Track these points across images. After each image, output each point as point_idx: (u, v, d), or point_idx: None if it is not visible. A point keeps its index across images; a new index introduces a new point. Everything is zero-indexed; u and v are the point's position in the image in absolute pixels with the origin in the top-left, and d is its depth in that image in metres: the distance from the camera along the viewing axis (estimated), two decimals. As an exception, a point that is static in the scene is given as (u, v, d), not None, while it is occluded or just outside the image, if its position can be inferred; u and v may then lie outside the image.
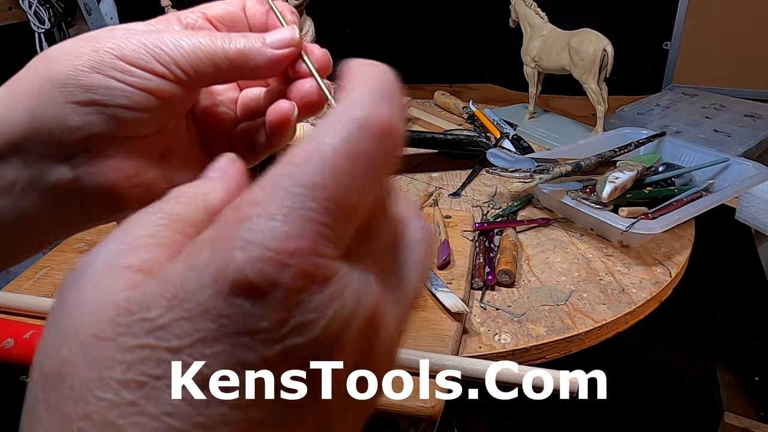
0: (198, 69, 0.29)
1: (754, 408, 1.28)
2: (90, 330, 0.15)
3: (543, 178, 0.71)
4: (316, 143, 0.15)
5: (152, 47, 0.28)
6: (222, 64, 0.29)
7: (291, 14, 0.32)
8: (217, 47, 0.29)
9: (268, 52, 0.30)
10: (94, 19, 1.35)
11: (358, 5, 1.62)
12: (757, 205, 0.88)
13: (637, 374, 1.56)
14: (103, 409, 0.14)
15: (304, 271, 0.14)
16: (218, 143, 0.35)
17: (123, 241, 0.17)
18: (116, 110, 0.28)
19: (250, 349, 0.14)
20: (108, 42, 0.28)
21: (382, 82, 0.17)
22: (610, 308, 0.59)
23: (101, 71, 0.27)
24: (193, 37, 0.29)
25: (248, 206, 0.14)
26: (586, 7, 1.45)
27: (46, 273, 0.63)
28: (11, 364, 0.51)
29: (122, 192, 0.30)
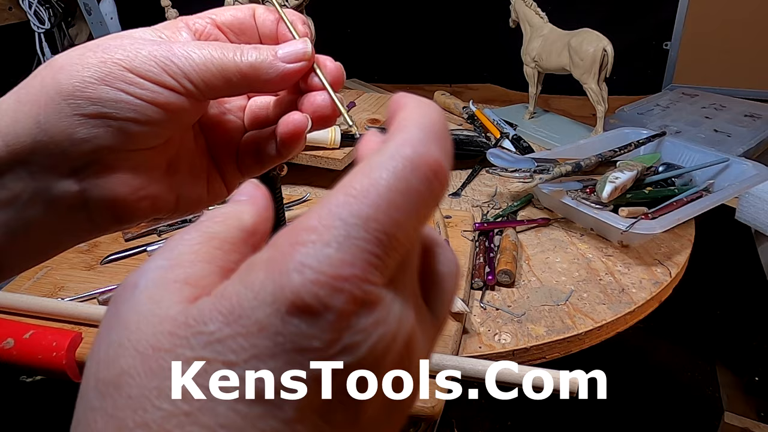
0: (208, 82, 0.28)
1: (754, 408, 1.28)
2: (148, 341, 0.15)
3: (543, 178, 0.71)
4: (372, 177, 0.16)
5: (162, 59, 0.27)
6: (233, 77, 0.29)
7: (303, 25, 0.32)
8: (228, 60, 0.29)
9: (281, 66, 0.29)
10: (94, 19, 1.35)
11: (358, 5, 1.62)
12: (757, 205, 0.88)
13: (637, 374, 1.56)
14: (161, 418, 0.14)
15: (355, 296, 0.15)
16: (225, 152, 0.34)
17: (169, 258, 0.18)
18: (124, 123, 0.27)
19: (301, 366, 0.15)
20: (117, 53, 0.27)
21: (433, 121, 0.18)
22: (610, 308, 0.59)
23: (110, 83, 0.27)
24: (204, 50, 0.28)
25: (305, 232, 0.15)
26: (586, 7, 1.45)
27: (46, 273, 0.63)
28: (11, 364, 0.51)
29: (129, 204, 0.29)
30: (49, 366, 0.50)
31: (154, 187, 0.30)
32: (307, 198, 0.78)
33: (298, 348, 0.15)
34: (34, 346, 0.50)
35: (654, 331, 1.66)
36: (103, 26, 1.36)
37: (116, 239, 0.69)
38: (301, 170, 0.85)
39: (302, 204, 0.76)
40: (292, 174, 0.86)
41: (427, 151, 0.16)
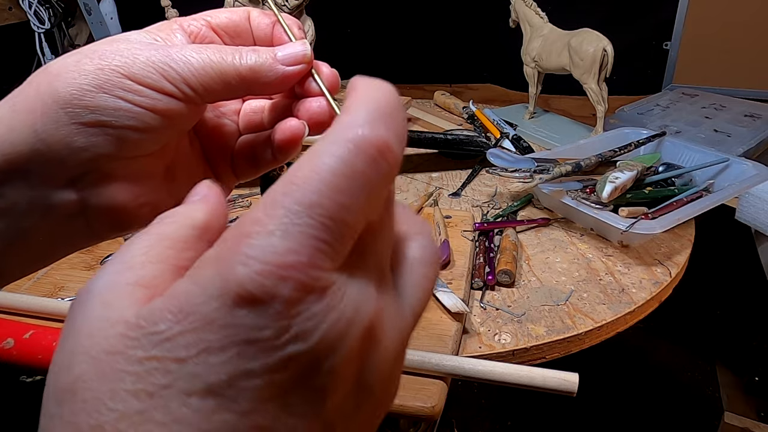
0: (207, 86, 0.28)
1: (754, 408, 1.28)
2: (100, 345, 0.16)
3: (543, 178, 0.71)
4: (313, 163, 0.16)
5: (161, 65, 0.27)
6: (232, 81, 0.28)
7: (298, 29, 0.31)
8: (227, 64, 0.28)
9: (280, 68, 0.29)
10: (94, 19, 1.35)
11: (358, 5, 1.62)
12: (757, 205, 0.88)
13: (637, 374, 1.56)
14: (115, 419, 0.15)
15: (302, 282, 0.15)
16: (220, 156, 0.34)
17: (121, 261, 0.18)
18: (123, 131, 0.27)
19: (252, 357, 0.15)
20: (114, 59, 0.27)
21: (380, 101, 0.17)
22: (610, 308, 0.59)
23: (108, 91, 0.26)
24: (203, 53, 0.28)
25: (249, 224, 0.15)
26: (586, 7, 1.45)
27: (46, 273, 0.63)
28: (11, 364, 0.51)
29: (129, 212, 0.29)
30: (49, 366, 0.50)
31: (153, 194, 0.30)
32: (307, 198, 0.78)
33: (248, 339, 0.15)
34: (34, 346, 0.50)
35: (654, 331, 1.66)
36: (103, 26, 1.36)
37: (116, 239, 0.69)
38: (301, 170, 0.85)
39: (302, 204, 0.76)
40: (292, 174, 0.86)
41: (371, 132, 0.16)
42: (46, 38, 1.36)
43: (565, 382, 0.45)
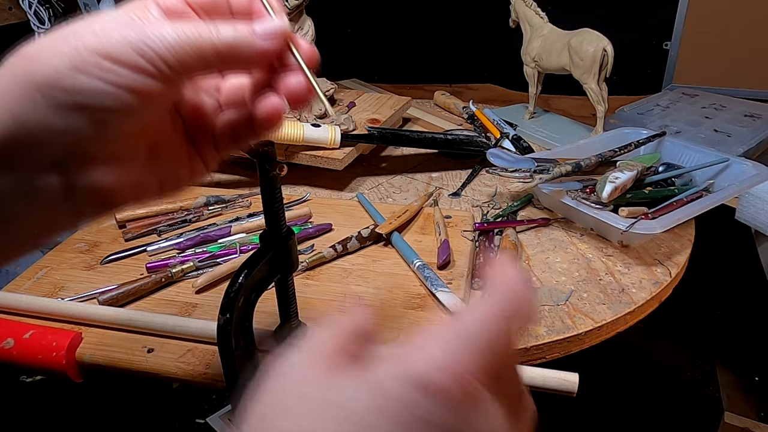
0: (184, 63, 0.27)
1: (754, 408, 1.28)
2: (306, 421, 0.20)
3: (543, 178, 0.71)
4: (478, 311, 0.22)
5: (137, 43, 0.26)
6: (210, 56, 0.28)
7: (277, 2, 0.31)
8: (204, 39, 0.28)
9: (258, 43, 0.29)
10: (94, 19, 1.35)
11: (358, 5, 1.62)
12: (757, 205, 0.88)
13: (637, 374, 1.56)
14: None
15: (467, 389, 0.20)
16: (202, 134, 0.34)
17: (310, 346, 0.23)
18: (102, 113, 0.27)
19: None
20: (90, 39, 0.26)
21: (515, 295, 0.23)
22: (610, 308, 0.59)
23: (85, 72, 0.26)
24: (179, 30, 0.27)
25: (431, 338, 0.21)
26: (586, 7, 1.45)
27: (46, 273, 0.63)
28: (11, 364, 0.51)
29: (114, 192, 0.29)
30: (49, 366, 0.50)
31: (136, 174, 0.30)
32: (307, 198, 0.78)
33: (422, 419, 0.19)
34: (34, 346, 0.50)
35: (654, 331, 1.66)
36: (103, 26, 1.36)
37: (116, 239, 0.69)
38: (301, 170, 0.85)
39: (302, 204, 0.76)
40: (292, 174, 0.86)
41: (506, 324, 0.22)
42: (46, 38, 1.36)
43: (565, 382, 0.46)
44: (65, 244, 0.68)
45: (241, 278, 0.38)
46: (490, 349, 0.21)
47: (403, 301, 0.57)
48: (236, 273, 0.38)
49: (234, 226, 0.68)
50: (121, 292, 0.57)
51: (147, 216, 0.72)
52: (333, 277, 0.61)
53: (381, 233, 0.66)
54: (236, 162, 0.93)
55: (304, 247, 0.67)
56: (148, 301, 0.58)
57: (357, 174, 0.90)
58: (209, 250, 0.65)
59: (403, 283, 0.59)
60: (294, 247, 0.42)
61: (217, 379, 0.48)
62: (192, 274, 0.61)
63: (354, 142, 0.86)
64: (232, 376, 0.39)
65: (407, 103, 1.07)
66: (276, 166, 0.38)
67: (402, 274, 0.61)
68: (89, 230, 0.71)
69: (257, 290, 0.40)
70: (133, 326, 0.53)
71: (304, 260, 0.62)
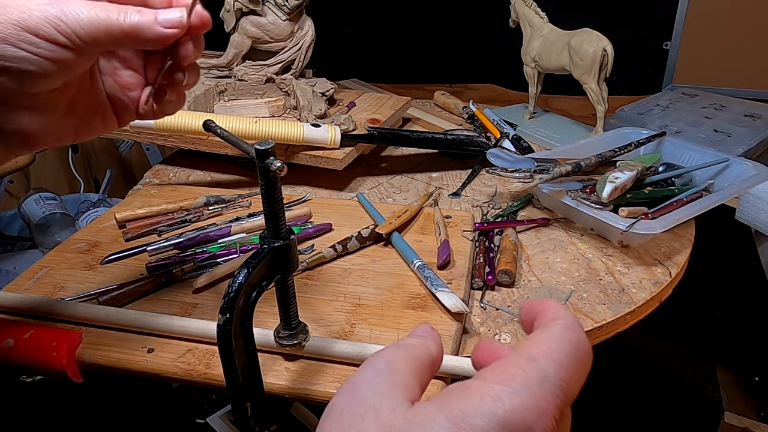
0: (95, 39, 0.34)
1: (754, 408, 1.28)
2: None
3: (543, 178, 0.71)
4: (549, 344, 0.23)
5: (54, 20, 0.33)
6: (117, 35, 0.35)
7: None
8: (112, 21, 0.34)
9: (158, 29, 0.36)
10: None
11: (358, 5, 1.62)
12: (757, 205, 0.88)
13: (637, 374, 1.56)
14: None
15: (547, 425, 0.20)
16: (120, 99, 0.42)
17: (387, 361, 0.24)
18: (24, 74, 0.33)
19: None
20: (14, 14, 0.32)
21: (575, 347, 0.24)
22: (610, 308, 0.59)
23: (10, 42, 0.32)
24: (92, 11, 0.34)
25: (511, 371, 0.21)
26: (586, 7, 1.45)
27: (46, 273, 0.63)
28: (11, 364, 0.51)
29: (37, 135, 0.37)
30: (49, 366, 0.50)
31: (55, 122, 0.38)
32: (307, 198, 0.78)
33: None
34: (34, 346, 0.50)
35: (654, 331, 1.66)
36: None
37: (116, 239, 0.69)
38: (301, 170, 0.85)
39: (302, 204, 0.76)
40: (292, 174, 0.86)
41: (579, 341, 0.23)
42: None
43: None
44: (65, 244, 0.68)
45: (241, 278, 0.38)
46: (563, 389, 0.21)
47: (403, 301, 0.57)
48: (236, 273, 0.38)
49: (234, 226, 0.68)
50: (121, 292, 0.57)
51: (147, 216, 0.72)
52: (333, 277, 0.61)
53: (381, 233, 0.66)
54: (236, 162, 0.93)
55: (304, 247, 0.67)
56: (148, 301, 0.58)
57: (357, 174, 0.90)
58: (209, 250, 0.65)
59: (403, 283, 0.59)
60: (294, 247, 0.42)
61: (217, 379, 0.48)
62: (192, 274, 0.61)
63: (354, 142, 0.86)
64: (232, 376, 0.39)
65: (407, 103, 1.07)
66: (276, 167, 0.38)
67: (402, 274, 0.61)
68: (89, 230, 0.71)
69: (257, 290, 0.40)
70: (133, 326, 0.53)
71: (304, 260, 0.62)
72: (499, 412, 0.20)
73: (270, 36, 1.01)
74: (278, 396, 0.47)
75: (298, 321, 0.47)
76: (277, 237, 0.41)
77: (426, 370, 0.25)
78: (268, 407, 0.43)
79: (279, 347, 0.48)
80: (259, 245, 0.41)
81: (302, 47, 1.02)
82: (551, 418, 0.20)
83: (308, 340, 0.48)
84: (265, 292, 0.41)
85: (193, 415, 1.30)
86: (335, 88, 1.02)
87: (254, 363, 0.41)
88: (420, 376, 0.24)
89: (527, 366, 0.21)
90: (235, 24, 1.00)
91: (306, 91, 0.94)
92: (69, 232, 1.18)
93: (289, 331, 0.47)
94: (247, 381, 0.41)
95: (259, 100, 0.95)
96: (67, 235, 0.69)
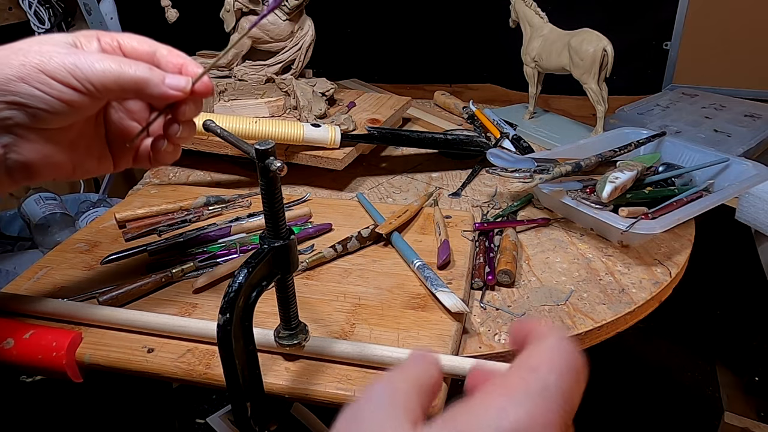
0: (106, 87, 0.38)
1: (754, 408, 1.28)
2: None
3: (543, 178, 0.71)
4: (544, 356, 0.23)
5: (70, 66, 0.37)
6: (126, 86, 0.39)
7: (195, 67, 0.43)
8: (123, 72, 0.39)
9: (164, 88, 0.40)
10: (94, 19, 1.35)
11: (358, 5, 1.62)
12: (757, 205, 0.88)
13: (637, 374, 1.56)
14: None
15: None
16: (121, 145, 0.47)
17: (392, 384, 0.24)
18: (35, 110, 0.37)
19: None
20: (35, 58, 0.37)
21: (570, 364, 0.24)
22: (610, 308, 0.59)
23: (27, 82, 0.36)
24: (105, 62, 0.38)
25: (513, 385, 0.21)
26: (586, 7, 1.45)
27: (46, 273, 0.63)
28: (11, 364, 0.51)
29: (38, 166, 0.41)
30: (49, 366, 0.50)
31: (57, 157, 0.42)
32: (307, 198, 0.78)
33: None
34: (34, 346, 0.50)
35: (654, 331, 1.66)
36: (103, 26, 1.36)
37: (116, 239, 0.69)
38: (301, 170, 0.85)
39: (302, 204, 0.76)
40: (292, 174, 0.86)
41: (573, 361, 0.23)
42: (46, 38, 1.36)
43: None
44: (65, 244, 0.68)
45: (241, 278, 0.38)
46: (565, 398, 0.21)
47: (403, 301, 0.57)
48: (236, 273, 0.38)
49: (234, 226, 0.68)
50: (121, 292, 0.57)
51: (147, 216, 0.72)
52: (333, 277, 0.61)
53: (381, 233, 0.66)
54: (236, 162, 0.93)
55: (304, 247, 0.67)
56: (148, 301, 0.58)
57: (357, 174, 0.90)
58: (209, 250, 0.65)
59: (403, 283, 0.59)
60: (294, 247, 0.42)
61: (217, 379, 0.48)
62: (192, 274, 0.61)
63: (354, 142, 0.86)
64: (232, 376, 0.39)
65: (407, 103, 1.07)
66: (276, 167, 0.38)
67: (402, 274, 0.61)
68: (89, 230, 0.71)
69: (257, 290, 0.40)
70: (133, 326, 0.53)
71: (304, 260, 0.62)
72: (504, 424, 0.20)
73: (270, 36, 1.01)
74: (278, 396, 0.47)
75: (298, 321, 0.47)
76: (277, 237, 0.41)
77: (428, 393, 0.25)
78: (268, 407, 0.43)
79: (279, 347, 0.48)
80: (259, 245, 0.41)
81: (302, 47, 1.02)
82: (558, 428, 0.20)
83: (308, 340, 0.48)
84: (265, 292, 0.41)
85: (193, 415, 1.30)
86: (335, 88, 1.02)
87: (254, 363, 0.41)
88: (422, 399, 0.24)
89: (528, 376, 0.21)
90: (235, 24, 1.00)
91: (306, 91, 0.93)
92: (69, 232, 1.18)
93: (289, 331, 0.47)
94: (247, 381, 0.41)
95: (259, 100, 0.95)
96: (67, 235, 0.69)
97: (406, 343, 0.51)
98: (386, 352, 0.47)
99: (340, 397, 0.46)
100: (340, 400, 0.46)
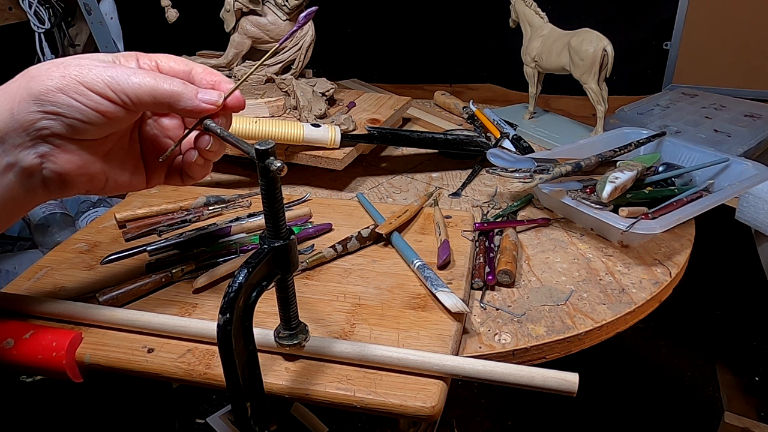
0: (141, 100, 0.40)
1: (754, 408, 1.28)
2: None
3: (543, 178, 0.71)
4: None
5: (108, 78, 0.39)
6: (160, 99, 0.40)
7: (228, 84, 0.45)
8: (158, 85, 0.40)
9: (197, 102, 0.42)
10: (94, 19, 1.35)
11: (358, 5, 1.62)
12: (757, 205, 0.88)
13: (637, 374, 1.56)
14: None
15: None
16: (154, 161, 0.49)
17: None
18: (72, 120, 0.39)
19: None
20: (74, 70, 0.38)
21: None
22: (610, 308, 0.59)
23: (66, 92, 0.38)
24: (143, 77, 0.40)
25: None
26: (586, 7, 1.45)
27: (46, 273, 0.63)
28: (11, 364, 0.51)
29: (72, 177, 0.42)
30: (49, 366, 0.50)
31: (92, 168, 0.43)
32: (307, 198, 0.78)
33: None
34: (34, 346, 0.50)
35: (654, 331, 1.66)
36: (103, 26, 1.36)
37: (116, 239, 0.69)
38: (301, 170, 0.85)
39: (302, 204, 0.76)
40: (292, 174, 0.86)
41: None
42: (46, 38, 1.36)
43: (565, 382, 0.45)
44: (65, 244, 0.68)
45: (241, 278, 0.38)
46: None
47: (403, 301, 0.57)
48: (236, 273, 0.38)
49: (234, 226, 0.68)
50: (121, 292, 0.57)
51: (147, 216, 0.72)
52: (333, 277, 0.61)
53: (381, 233, 0.66)
54: (236, 162, 0.93)
55: (304, 247, 0.67)
56: (148, 301, 0.58)
57: (357, 174, 0.90)
58: (209, 250, 0.65)
59: (403, 283, 0.59)
60: (294, 247, 0.42)
61: (217, 379, 0.48)
62: (192, 274, 0.61)
63: (354, 142, 0.86)
64: (232, 376, 0.39)
65: (407, 103, 1.07)
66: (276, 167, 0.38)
67: (402, 274, 0.61)
68: (89, 230, 0.71)
69: (257, 290, 0.40)
70: (133, 326, 0.53)
71: (304, 260, 0.62)
72: None
73: (270, 36, 1.01)
74: (278, 396, 0.47)
75: (298, 321, 0.47)
76: (277, 237, 0.41)
77: None
78: (268, 407, 0.43)
79: (279, 347, 0.48)
80: (259, 245, 0.41)
81: (302, 47, 1.02)
82: None
83: (308, 340, 0.48)
84: (265, 292, 0.41)
85: (193, 415, 1.30)
86: (335, 88, 1.02)
87: (254, 363, 0.41)
88: None
89: None
90: (235, 24, 1.00)
91: (306, 91, 0.94)
92: (69, 232, 1.18)
93: (289, 331, 0.47)
94: (247, 381, 0.41)
95: (259, 100, 0.95)
96: (67, 235, 0.69)
97: (406, 343, 0.51)
98: (386, 352, 0.47)
99: (340, 397, 0.46)
100: (340, 400, 0.46)
